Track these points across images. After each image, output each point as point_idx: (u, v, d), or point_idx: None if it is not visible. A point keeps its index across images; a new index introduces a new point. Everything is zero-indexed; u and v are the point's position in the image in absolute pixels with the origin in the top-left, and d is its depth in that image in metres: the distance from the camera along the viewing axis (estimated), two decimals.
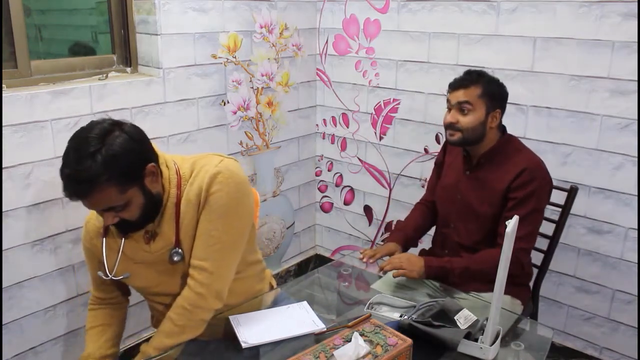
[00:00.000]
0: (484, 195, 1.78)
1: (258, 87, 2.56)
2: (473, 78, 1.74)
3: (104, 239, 1.44)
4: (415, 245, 2.00)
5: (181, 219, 1.38)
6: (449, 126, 1.77)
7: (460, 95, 1.73)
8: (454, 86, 1.76)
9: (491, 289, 1.29)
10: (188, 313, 1.37)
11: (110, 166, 1.21)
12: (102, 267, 1.45)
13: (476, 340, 1.32)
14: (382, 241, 2.78)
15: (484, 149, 1.79)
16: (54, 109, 1.86)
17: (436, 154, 2.04)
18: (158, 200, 1.36)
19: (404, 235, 1.94)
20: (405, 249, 1.91)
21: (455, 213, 1.86)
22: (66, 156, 1.23)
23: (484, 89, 1.73)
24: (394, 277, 1.71)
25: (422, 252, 2.00)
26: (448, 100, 1.77)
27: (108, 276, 1.44)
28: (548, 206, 1.89)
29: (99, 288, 1.58)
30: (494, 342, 1.31)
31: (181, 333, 1.38)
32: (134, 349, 2.29)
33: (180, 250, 1.40)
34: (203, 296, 1.37)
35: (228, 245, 1.40)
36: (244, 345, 1.33)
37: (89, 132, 1.24)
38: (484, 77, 1.75)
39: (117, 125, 1.28)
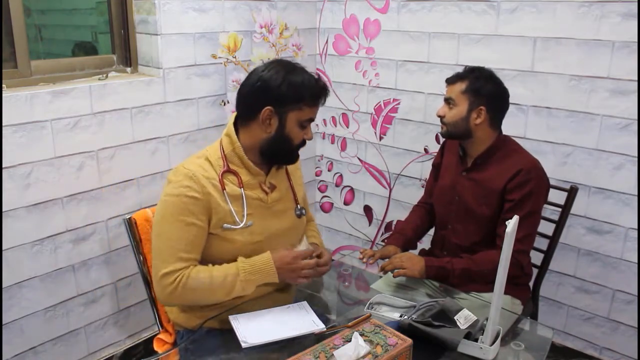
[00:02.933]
0: (481, 195, 1.78)
1: None
2: (462, 74, 1.77)
3: (225, 190, 1.47)
4: (415, 247, 2.00)
5: (292, 180, 1.66)
6: (440, 119, 1.82)
7: (447, 90, 1.80)
8: (446, 82, 1.81)
9: (491, 289, 1.29)
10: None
11: None
12: (228, 216, 1.47)
13: (476, 340, 1.32)
14: (383, 242, 2.78)
15: (480, 149, 1.79)
16: (54, 109, 1.86)
17: (436, 153, 2.05)
18: None
19: (403, 237, 1.94)
20: (404, 251, 1.91)
21: (453, 214, 1.86)
22: (308, 74, 1.48)
23: (468, 86, 1.74)
24: (395, 276, 1.71)
25: (422, 252, 2.00)
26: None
27: (238, 224, 1.47)
28: (548, 206, 1.90)
29: (196, 250, 1.47)
30: (494, 342, 1.31)
31: None
32: (134, 349, 2.29)
33: (300, 207, 1.64)
34: None
35: None
36: (243, 344, 1.33)
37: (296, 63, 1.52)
38: (474, 74, 1.76)
39: None
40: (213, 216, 1.46)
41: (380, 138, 2.72)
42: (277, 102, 1.45)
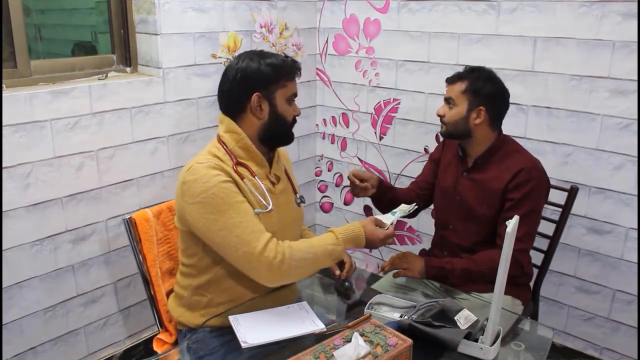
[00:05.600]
0: (482, 196, 1.78)
1: None
2: (462, 74, 1.77)
3: (244, 180, 1.48)
4: (384, 194, 1.91)
5: (288, 171, 1.70)
6: (440, 118, 1.82)
7: (447, 90, 1.80)
8: (446, 81, 1.81)
9: (491, 289, 1.29)
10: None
11: None
12: (253, 203, 1.48)
13: (476, 340, 1.31)
14: None
15: (480, 150, 1.79)
16: (54, 109, 1.86)
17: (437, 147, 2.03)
18: None
19: (383, 181, 1.91)
20: (378, 190, 1.87)
21: (454, 214, 1.86)
22: (278, 54, 1.56)
23: (468, 86, 1.73)
24: (395, 277, 1.71)
25: (422, 252, 2.01)
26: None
27: (267, 208, 1.50)
28: (548, 206, 1.89)
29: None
30: (494, 343, 1.31)
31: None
32: (134, 349, 2.29)
33: (299, 195, 1.69)
34: None
35: None
36: (243, 345, 1.33)
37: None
38: (474, 74, 1.75)
39: None
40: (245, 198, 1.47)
41: (380, 138, 2.72)
42: (263, 85, 1.50)
